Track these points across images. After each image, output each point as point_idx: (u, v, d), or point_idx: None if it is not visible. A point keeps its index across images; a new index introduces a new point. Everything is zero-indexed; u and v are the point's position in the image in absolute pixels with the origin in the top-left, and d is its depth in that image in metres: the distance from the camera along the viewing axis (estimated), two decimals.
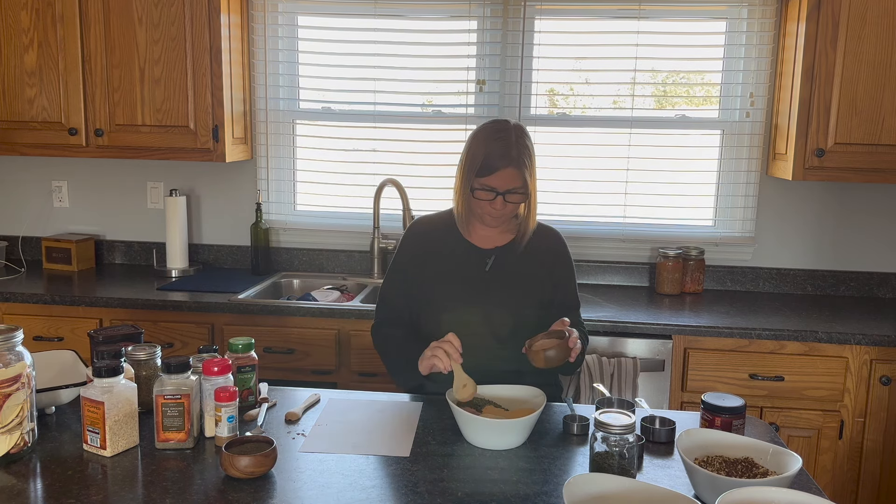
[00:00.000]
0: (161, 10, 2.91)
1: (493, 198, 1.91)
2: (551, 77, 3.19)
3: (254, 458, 1.44)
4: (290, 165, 3.34)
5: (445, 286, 2.00)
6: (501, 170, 1.89)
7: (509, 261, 2.02)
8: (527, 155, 1.92)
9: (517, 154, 1.89)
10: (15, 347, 1.51)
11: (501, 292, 1.98)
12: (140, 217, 3.44)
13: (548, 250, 2.06)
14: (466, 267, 2.01)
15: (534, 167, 1.95)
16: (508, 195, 1.91)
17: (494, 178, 1.89)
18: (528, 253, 2.03)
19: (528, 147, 1.94)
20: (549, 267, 2.05)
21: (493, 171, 1.89)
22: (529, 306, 1.99)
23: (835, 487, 2.63)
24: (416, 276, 2.04)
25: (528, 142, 1.95)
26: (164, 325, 2.79)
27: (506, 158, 1.88)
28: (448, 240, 2.05)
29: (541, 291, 2.02)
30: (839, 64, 2.67)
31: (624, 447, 1.43)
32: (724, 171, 3.15)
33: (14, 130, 3.05)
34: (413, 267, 2.05)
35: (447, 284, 2.00)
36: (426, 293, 2.02)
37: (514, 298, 1.99)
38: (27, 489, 1.41)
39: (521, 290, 2.00)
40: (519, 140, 1.92)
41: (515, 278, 2.00)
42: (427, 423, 1.76)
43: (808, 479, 1.52)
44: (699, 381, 2.63)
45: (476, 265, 2.02)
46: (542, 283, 2.03)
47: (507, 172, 1.89)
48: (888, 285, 3.12)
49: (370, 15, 3.18)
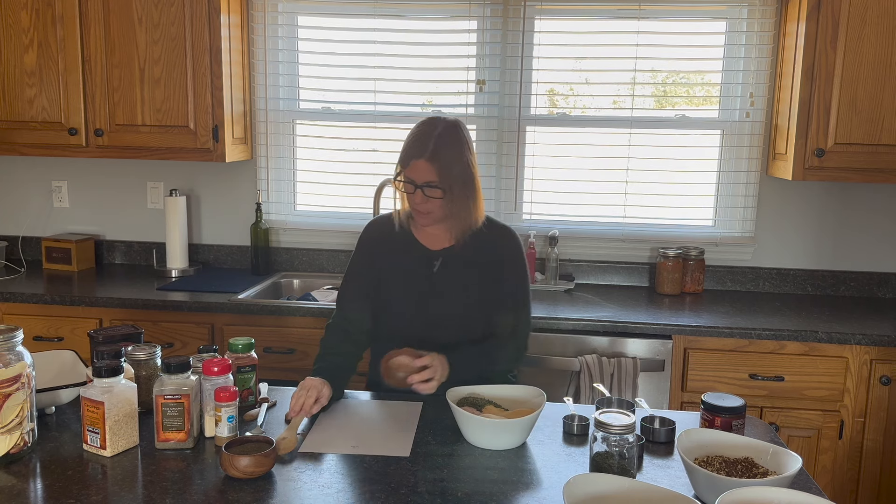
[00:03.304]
0: (161, 11, 2.91)
1: (413, 191, 1.91)
2: (551, 77, 3.19)
3: (254, 458, 1.44)
4: (290, 165, 3.34)
5: (395, 288, 1.99)
6: (414, 161, 1.89)
7: (457, 262, 2.00)
8: (449, 149, 1.90)
9: (434, 147, 1.88)
10: (15, 347, 1.51)
11: (448, 295, 1.96)
12: (140, 217, 3.44)
13: (497, 250, 2.03)
14: (415, 269, 2.00)
15: (462, 163, 1.91)
16: (427, 189, 1.89)
17: (411, 170, 1.90)
18: (478, 253, 2.01)
19: (453, 142, 1.91)
20: (498, 267, 2.01)
21: (409, 163, 1.90)
22: (477, 308, 1.97)
23: (835, 487, 2.63)
24: (373, 277, 2.04)
25: (457, 137, 1.92)
26: (164, 325, 2.79)
27: (419, 150, 1.88)
28: (400, 241, 2.05)
29: (489, 292, 1.99)
30: (839, 64, 2.67)
31: (624, 447, 1.43)
32: (724, 171, 3.15)
33: (14, 130, 3.05)
34: (368, 268, 2.05)
35: (397, 287, 1.99)
36: (380, 294, 2.02)
37: (461, 301, 1.96)
38: (27, 489, 1.42)
39: (469, 291, 1.98)
40: (443, 134, 1.90)
41: (463, 280, 1.98)
42: (427, 423, 1.76)
43: (808, 480, 1.52)
44: (699, 381, 2.63)
45: (424, 267, 2.01)
46: (490, 284, 2.00)
47: (420, 165, 1.88)
48: (888, 285, 3.12)
49: (370, 15, 3.18)
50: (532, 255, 3.10)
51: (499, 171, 3.23)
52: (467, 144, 1.95)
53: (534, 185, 3.23)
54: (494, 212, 3.23)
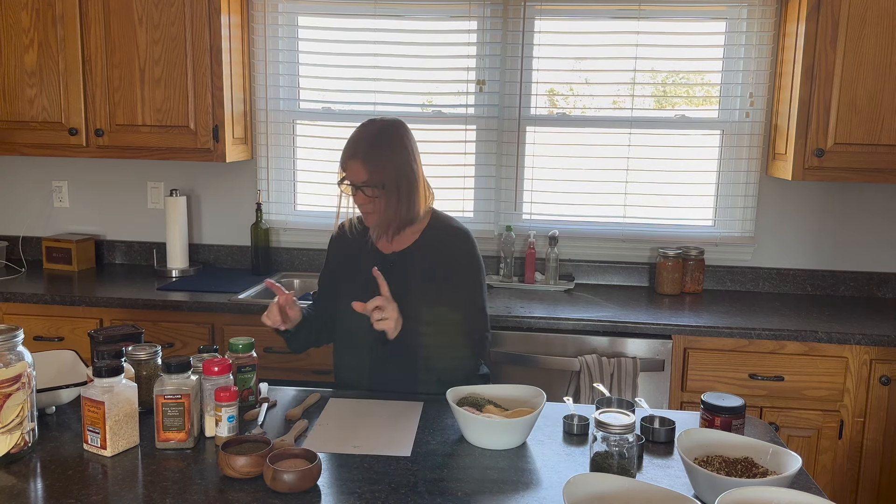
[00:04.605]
0: (161, 11, 2.91)
1: (355, 192, 1.94)
2: (551, 77, 3.19)
3: (250, 458, 1.44)
4: (290, 165, 3.34)
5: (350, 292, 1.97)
6: (348, 162, 1.94)
7: (409, 266, 2.01)
8: (382, 149, 1.92)
9: (365, 148, 1.92)
10: (15, 347, 1.51)
11: (401, 298, 1.92)
12: (140, 217, 3.44)
13: (450, 252, 2.02)
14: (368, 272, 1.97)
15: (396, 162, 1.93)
16: (365, 188, 1.92)
17: (349, 172, 1.94)
18: (430, 256, 2.01)
19: (385, 142, 1.93)
20: (450, 269, 2.00)
21: (346, 165, 1.95)
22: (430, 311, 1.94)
23: (835, 487, 2.63)
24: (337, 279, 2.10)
25: (390, 137, 1.95)
26: (164, 325, 2.79)
27: (352, 151, 1.93)
28: (358, 244, 2.08)
29: (442, 294, 1.97)
30: (839, 64, 2.67)
31: (624, 447, 1.43)
32: (724, 171, 3.15)
33: (14, 130, 3.05)
34: (333, 271, 2.13)
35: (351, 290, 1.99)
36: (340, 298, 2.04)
37: (413, 304, 1.93)
38: (27, 489, 1.42)
39: (421, 294, 1.96)
40: (377, 135, 1.94)
41: (414, 283, 1.98)
42: (427, 423, 1.76)
43: (808, 479, 1.52)
44: (699, 381, 2.63)
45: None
46: (443, 286, 1.98)
47: (353, 166, 1.93)
48: (888, 285, 3.12)
49: (370, 15, 3.18)
50: (532, 255, 3.11)
51: (499, 171, 3.23)
52: (402, 142, 1.96)
53: (534, 185, 3.23)
54: (494, 212, 3.24)
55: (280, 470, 1.39)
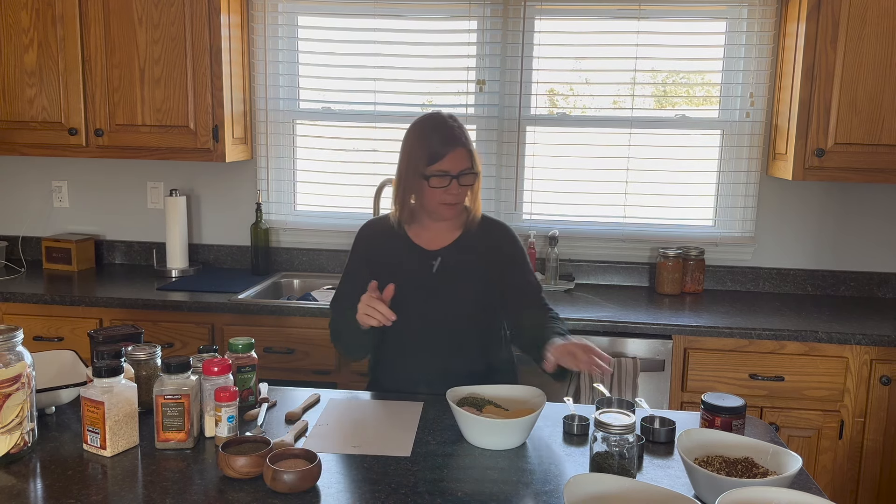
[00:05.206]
0: (161, 10, 2.91)
1: (449, 183, 1.92)
2: (551, 77, 3.19)
3: (250, 458, 1.43)
4: (290, 165, 3.34)
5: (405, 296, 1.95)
6: (451, 152, 1.92)
7: (456, 260, 2.01)
8: (467, 137, 1.97)
9: (461, 134, 1.94)
10: (15, 347, 1.51)
11: (450, 294, 1.96)
12: (140, 217, 3.44)
13: (495, 247, 2.04)
14: (413, 270, 2.00)
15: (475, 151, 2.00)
16: (462, 177, 1.92)
17: (446, 162, 1.91)
18: (476, 250, 2.02)
19: (466, 130, 1.98)
20: (499, 263, 2.02)
21: (443, 156, 1.92)
22: (479, 306, 1.98)
23: (835, 487, 2.63)
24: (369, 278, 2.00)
25: (465, 127, 1.99)
26: (164, 325, 2.79)
27: (452, 140, 1.92)
28: (395, 242, 2.04)
29: (491, 289, 2.00)
30: (839, 64, 2.67)
31: (624, 447, 1.43)
32: (724, 171, 3.15)
33: (14, 130, 3.05)
34: (364, 271, 2.03)
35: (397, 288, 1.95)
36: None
37: (463, 299, 1.97)
38: (27, 489, 1.42)
39: (470, 290, 1.98)
40: (457, 123, 1.97)
41: (463, 278, 1.99)
42: (427, 423, 1.76)
43: (808, 479, 1.52)
44: (699, 381, 2.63)
45: (423, 267, 2.00)
46: (491, 280, 2.00)
47: (458, 154, 1.92)
48: (888, 285, 3.12)
49: (370, 15, 3.18)
50: (532, 255, 3.10)
51: (499, 171, 3.23)
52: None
53: (534, 185, 3.23)
54: (494, 212, 3.23)
55: (280, 470, 1.39)
